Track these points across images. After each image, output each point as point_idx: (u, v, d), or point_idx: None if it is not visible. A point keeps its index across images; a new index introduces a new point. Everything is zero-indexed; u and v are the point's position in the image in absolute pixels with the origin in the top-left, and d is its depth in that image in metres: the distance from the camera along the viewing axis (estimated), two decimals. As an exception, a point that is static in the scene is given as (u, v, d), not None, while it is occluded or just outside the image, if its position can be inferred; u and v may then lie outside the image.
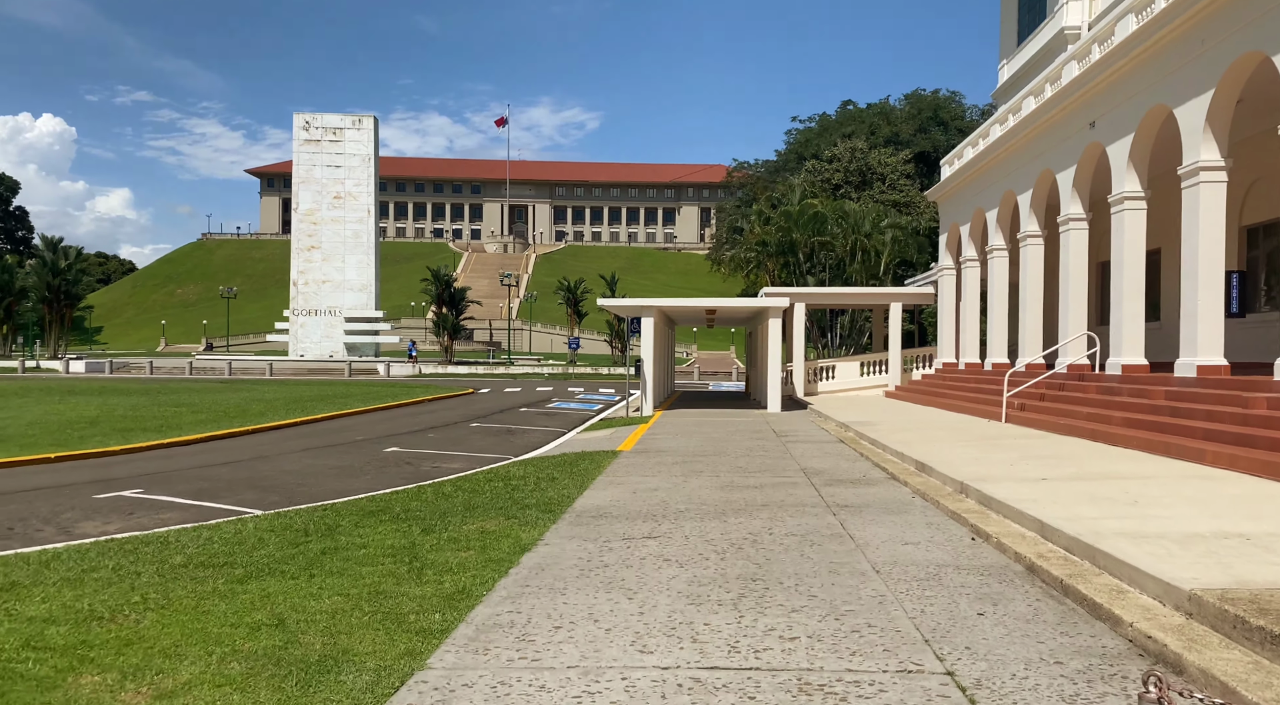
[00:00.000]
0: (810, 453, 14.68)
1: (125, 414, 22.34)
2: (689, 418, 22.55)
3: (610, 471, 12.41)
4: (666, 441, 16.62)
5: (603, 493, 10.50)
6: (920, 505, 9.55)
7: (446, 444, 18.08)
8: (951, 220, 27.62)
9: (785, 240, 38.61)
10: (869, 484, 11.17)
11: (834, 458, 13.95)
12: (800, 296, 29.79)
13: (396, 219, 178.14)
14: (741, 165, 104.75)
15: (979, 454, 12.74)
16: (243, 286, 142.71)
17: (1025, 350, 20.57)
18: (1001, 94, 32.58)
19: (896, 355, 30.06)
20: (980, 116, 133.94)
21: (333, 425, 21.68)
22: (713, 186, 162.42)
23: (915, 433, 16.36)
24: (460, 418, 24.61)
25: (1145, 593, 5.60)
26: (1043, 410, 17.09)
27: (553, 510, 9.37)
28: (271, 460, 15.04)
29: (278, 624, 5.47)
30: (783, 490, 10.64)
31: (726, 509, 9.35)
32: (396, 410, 27.10)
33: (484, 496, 10.41)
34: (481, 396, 35.77)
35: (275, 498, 11.35)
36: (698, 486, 10.96)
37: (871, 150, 74.03)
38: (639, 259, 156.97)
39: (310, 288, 73.87)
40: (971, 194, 25.45)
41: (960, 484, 10.07)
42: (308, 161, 74.96)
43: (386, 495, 10.72)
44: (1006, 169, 22.44)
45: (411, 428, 21.36)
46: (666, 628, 5.37)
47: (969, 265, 25.66)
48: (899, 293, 31.07)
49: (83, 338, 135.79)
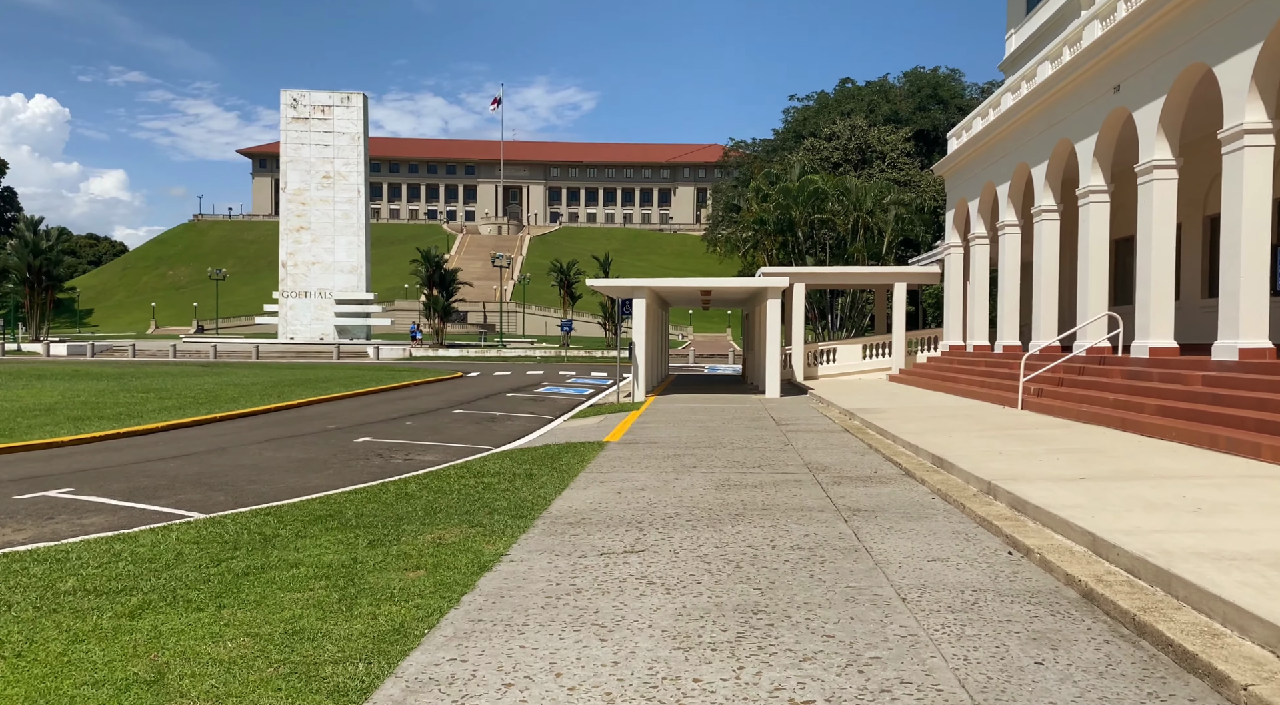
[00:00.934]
0: (813, 444, 13.55)
1: (87, 400, 21.14)
2: (683, 404, 21.41)
3: (595, 466, 11.28)
4: (658, 431, 15.48)
5: (584, 493, 9.36)
6: (943, 509, 8.42)
7: (424, 433, 16.93)
8: (959, 196, 26.39)
9: (784, 218, 37.20)
10: (882, 482, 10.04)
11: (840, 450, 12.82)
12: (800, 276, 28.54)
13: (390, 200, 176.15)
14: (738, 144, 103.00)
15: (1000, 446, 11.61)
16: (235, 268, 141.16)
17: (1040, 332, 19.42)
18: (1010, 64, 31.25)
19: (900, 338, 28.90)
20: (980, 94, 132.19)
21: (307, 412, 20.52)
22: (709, 166, 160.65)
23: (926, 421, 15.22)
24: (443, 404, 23.45)
25: (1249, 638, 4.46)
26: (1062, 396, 15.96)
27: (524, 515, 8.23)
28: (229, 453, 13.88)
29: (155, 681, 4.33)
30: (785, 490, 9.51)
31: (722, 514, 8.22)
32: (377, 396, 25.93)
33: (450, 497, 9.27)
34: (469, 381, 34.60)
35: (221, 498, 10.20)
36: (690, 485, 9.83)
37: (871, 128, 72.62)
38: (634, 240, 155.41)
39: (299, 269, 72.48)
40: (981, 167, 24.21)
41: (986, 483, 8.95)
42: (296, 140, 73.36)
43: (342, 495, 9.58)
44: (1019, 140, 21.21)
45: (390, 415, 20.20)
46: (646, 685, 4.23)
47: (978, 243, 24.45)
48: (903, 272, 29.86)
49: (72, 320, 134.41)
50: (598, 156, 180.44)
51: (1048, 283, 19.41)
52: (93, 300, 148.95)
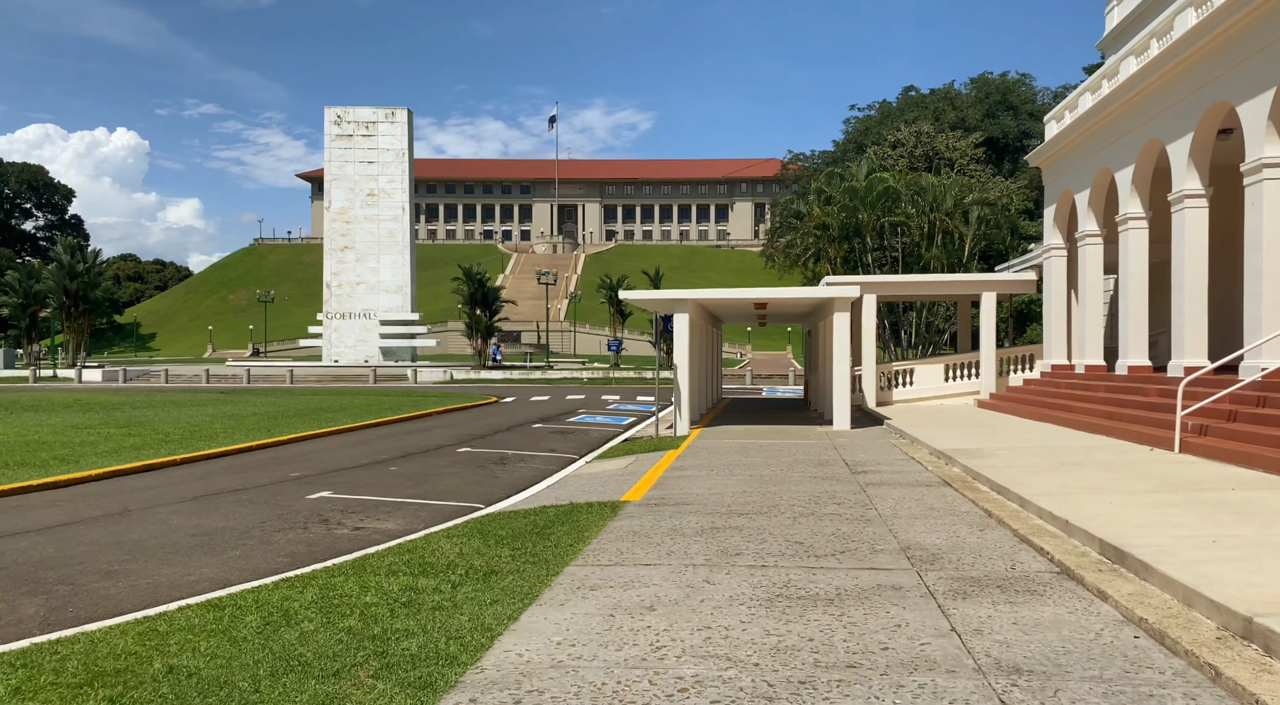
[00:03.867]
0: (907, 507, 9.79)
1: (38, 439, 18.27)
2: (733, 439, 17.73)
3: (592, 552, 7.74)
4: (695, 483, 11.86)
5: (556, 617, 5.82)
6: (1176, 677, 4.64)
7: (403, 484, 13.55)
8: (1062, 188, 22.26)
9: (849, 222, 33.15)
10: (1032, 593, 6.30)
11: (947, 521, 9.04)
12: (872, 286, 24.58)
13: (446, 221, 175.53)
14: (797, 157, 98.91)
15: (1198, 521, 7.76)
16: (293, 291, 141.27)
17: (1185, 349, 15.33)
18: (1112, 42, 27.03)
19: (991, 356, 24.79)
20: (1053, 99, 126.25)
21: (283, 453, 17.35)
22: (767, 181, 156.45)
23: (1056, 471, 11.34)
24: (452, 439, 20.09)
25: None
26: (1240, 437, 11.90)
27: (432, 683, 4.72)
28: (125, 520, 10.62)
29: None
30: (879, 610, 5.85)
31: (777, 676, 4.60)
32: (383, 428, 22.72)
33: (340, 626, 5.79)
34: (499, 407, 31.32)
35: (30, 609, 6.89)
36: (728, 597, 6.23)
37: (939, 134, 68.30)
38: (691, 257, 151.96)
39: (344, 290, 70.43)
40: (1091, 152, 20.13)
41: (1234, 614, 5.17)
42: (340, 158, 71.66)
43: (185, 616, 6.18)
44: (1148, 111, 17.17)
45: (379, 456, 16.90)
46: None
47: (1088, 242, 20.33)
48: (994, 279, 25.72)
49: (136, 344, 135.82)
50: (653, 173, 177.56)
51: (1194, 286, 15.33)
52: (156, 324, 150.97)
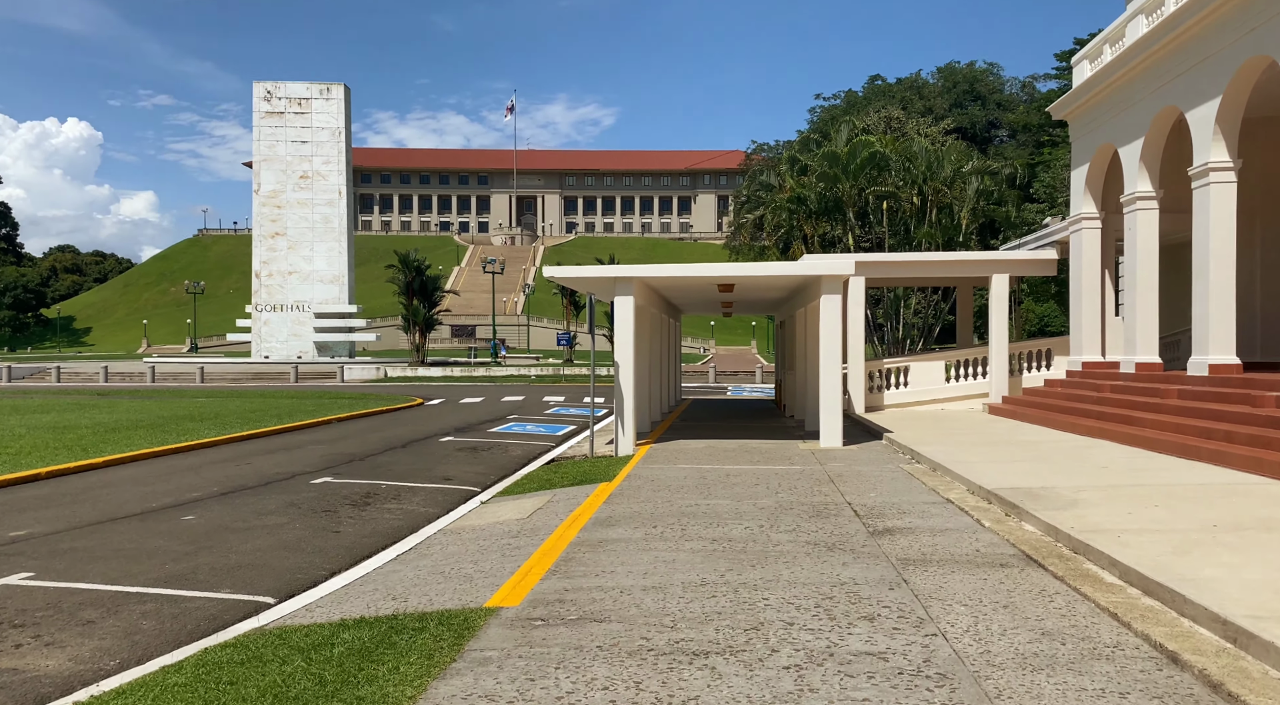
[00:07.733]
0: (1000, 634, 5.24)
1: None
2: (689, 463, 13.13)
3: None
4: (623, 560, 7.25)
5: None
6: None
7: (175, 549, 8.78)
8: (1099, 142, 17.90)
9: (829, 195, 28.61)
10: None
11: (1099, 677, 4.48)
12: (863, 266, 20.07)
13: (401, 213, 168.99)
14: (760, 147, 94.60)
15: None
16: (239, 283, 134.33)
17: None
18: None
19: (1002, 352, 20.45)
20: (1020, 89, 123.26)
21: (64, 487, 12.46)
22: (731, 173, 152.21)
23: (1202, 532, 6.87)
24: (320, 462, 15.21)
25: None
26: None
27: None
28: None
29: None
30: None
31: None
32: (250, 443, 17.80)
33: None
34: (417, 412, 26.45)
35: None
36: None
37: (909, 119, 64.54)
38: (653, 250, 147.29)
39: (275, 280, 64.78)
40: (1148, 88, 15.76)
41: None
42: (270, 137, 66.00)
43: None
44: (1230, 32, 12.81)
45: (188, 493, 12.03)
46: None
47: (1140, 206, 15.97)
48: (1007, 258, 21.36)
49: (69, 339, 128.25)
50: (615, 164, 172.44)
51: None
52: (92, 318, 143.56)
